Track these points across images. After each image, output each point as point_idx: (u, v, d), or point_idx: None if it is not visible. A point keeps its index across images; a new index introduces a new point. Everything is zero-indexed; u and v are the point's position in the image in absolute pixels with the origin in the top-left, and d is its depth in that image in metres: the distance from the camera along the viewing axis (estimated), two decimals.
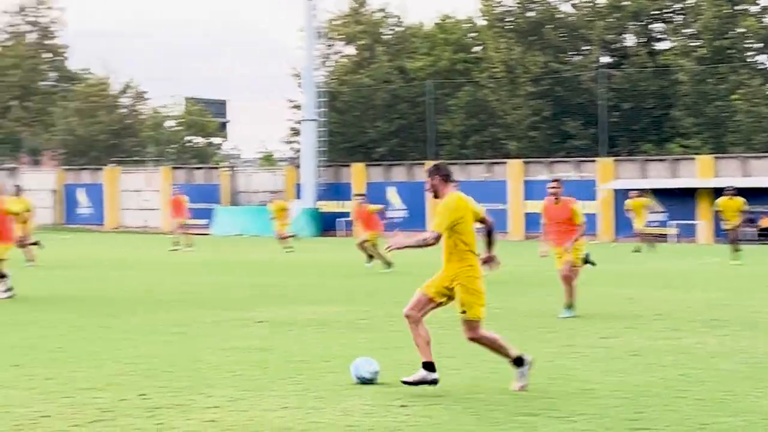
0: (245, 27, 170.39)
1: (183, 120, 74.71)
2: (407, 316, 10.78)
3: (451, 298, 10.77)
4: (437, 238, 10.62)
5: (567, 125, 60.46)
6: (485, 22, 63.88)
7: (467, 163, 56.19)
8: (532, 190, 52.24)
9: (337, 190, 58.36)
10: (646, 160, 53.20)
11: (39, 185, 64.79)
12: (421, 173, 55.93)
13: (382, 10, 67.87)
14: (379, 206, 34.80)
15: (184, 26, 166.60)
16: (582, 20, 62.29)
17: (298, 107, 65.68)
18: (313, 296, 21.47)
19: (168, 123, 74.42)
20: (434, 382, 10.71)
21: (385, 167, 58.34)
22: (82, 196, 65.65)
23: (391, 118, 63.74)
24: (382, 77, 63.85)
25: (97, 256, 35.98)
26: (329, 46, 67.20)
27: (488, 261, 11.10)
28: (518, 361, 10.83)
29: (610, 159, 53.45)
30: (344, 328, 16.27)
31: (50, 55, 79.90)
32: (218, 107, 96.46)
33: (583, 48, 63.00)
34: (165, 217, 61.84)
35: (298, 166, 60.47)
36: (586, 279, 20.81)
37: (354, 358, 11.57)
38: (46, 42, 79.16)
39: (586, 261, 18.16)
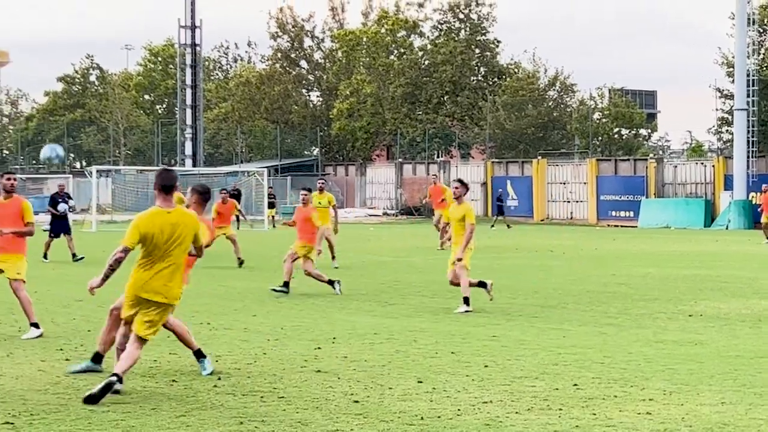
0: (670, 14, 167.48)
1: (609, 112, 74.52)
2: None
3: None
4: None
5: None
6: None
7: None
8: None
9: None
10: None
11: (469, 178, 66.48)
12: None
13: None
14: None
15: (608, 15, 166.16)
16: None
17: (726, 96, 63.90)
18: (746, 290, 20.88)
19: (595, 115, 74.43)
20: None
21: None
22: (509, 189, 66.89)
23: None
24: None
25: (527, 247, 36.38)
26: (762, 32, 64.88)
27: None
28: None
29: None
30: None
31: (480, 50, 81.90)
32: (648, 98, 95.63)
33: None
34: (591, 210, 62.07)
35: (727, 157, 58.84)
36: None
37: None
38: (478, 38, 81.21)
39: None
